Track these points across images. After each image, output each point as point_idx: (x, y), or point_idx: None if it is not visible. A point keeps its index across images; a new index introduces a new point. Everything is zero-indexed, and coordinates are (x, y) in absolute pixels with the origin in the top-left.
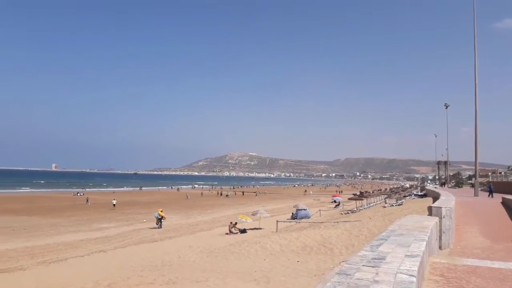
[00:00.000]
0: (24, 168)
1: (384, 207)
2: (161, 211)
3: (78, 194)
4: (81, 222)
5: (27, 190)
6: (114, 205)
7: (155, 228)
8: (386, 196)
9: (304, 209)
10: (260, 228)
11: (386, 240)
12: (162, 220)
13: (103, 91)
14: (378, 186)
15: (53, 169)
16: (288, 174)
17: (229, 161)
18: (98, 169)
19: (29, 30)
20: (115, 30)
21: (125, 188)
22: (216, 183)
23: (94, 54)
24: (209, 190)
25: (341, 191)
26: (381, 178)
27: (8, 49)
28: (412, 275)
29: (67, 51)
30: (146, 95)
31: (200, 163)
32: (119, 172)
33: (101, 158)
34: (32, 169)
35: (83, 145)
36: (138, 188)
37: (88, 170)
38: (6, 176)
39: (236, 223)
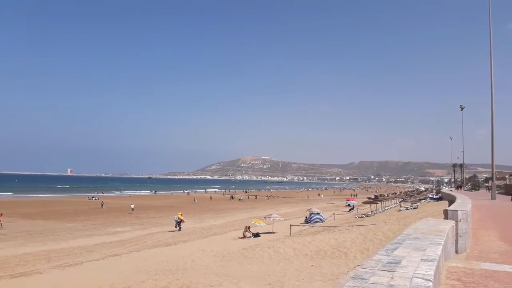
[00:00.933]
0: (40, 173)
1: (399, 210)
2: (181, 215)
3: (93, 199)
4: (96, 226)
5: (46, 195)
6: (132, 209)
7: (174, 230)
8: (401, 199)
9: (317, 213)
10: (274, 232)
11: (401, 244)
12: (182, 224)
13: (114, 95)
14: (393, 190)
15: (68, 173)
16: (301, 178)
17: (242, 164)
18: (113, 173)
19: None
20: (121, 33)
21: (139, 192)
22: (233, 187)
23: (106, 58)
24: (223, 194)
25: (356, 195)
26: (395, 181)
27: (18, 55)
28: (428, 280)
29: (78, 55)
30: (159, 99)
31: (213, 167)
32: (134, 176)
33: (115, 162)
34: (48, 174)
35: (96, 150)
36: (153, 192)
37: (103, 175)
38: (24, 181)
39: (249, 227)
